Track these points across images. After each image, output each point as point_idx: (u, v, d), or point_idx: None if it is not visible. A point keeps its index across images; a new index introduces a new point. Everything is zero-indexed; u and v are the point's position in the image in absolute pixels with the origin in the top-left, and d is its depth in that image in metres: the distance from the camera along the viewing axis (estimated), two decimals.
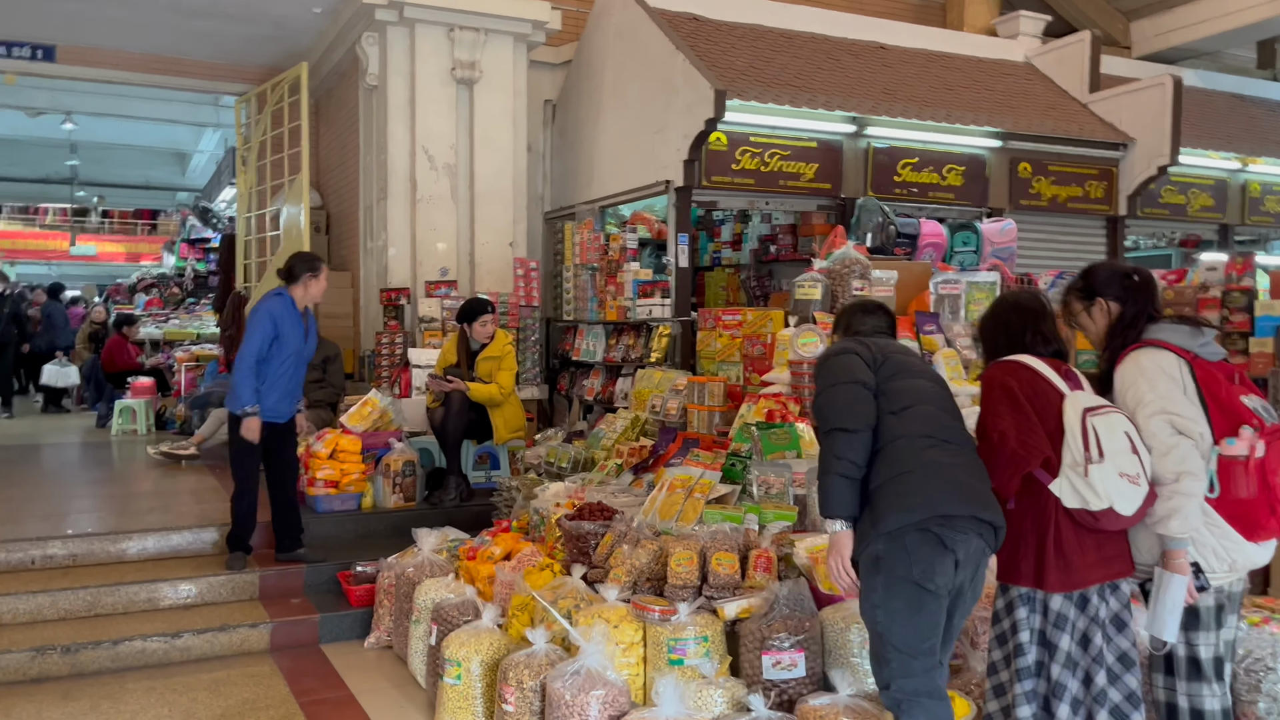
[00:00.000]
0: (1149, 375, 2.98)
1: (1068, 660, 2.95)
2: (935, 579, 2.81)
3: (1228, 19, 11.00)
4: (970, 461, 2.95)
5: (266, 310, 5.25)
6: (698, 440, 5.03)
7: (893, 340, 3.32)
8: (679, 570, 3.80)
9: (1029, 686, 2.99)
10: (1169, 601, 2.87)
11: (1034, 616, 3.00)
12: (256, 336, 5.19)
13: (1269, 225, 10.30)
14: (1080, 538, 2.90)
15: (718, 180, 7.41)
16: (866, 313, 3.43)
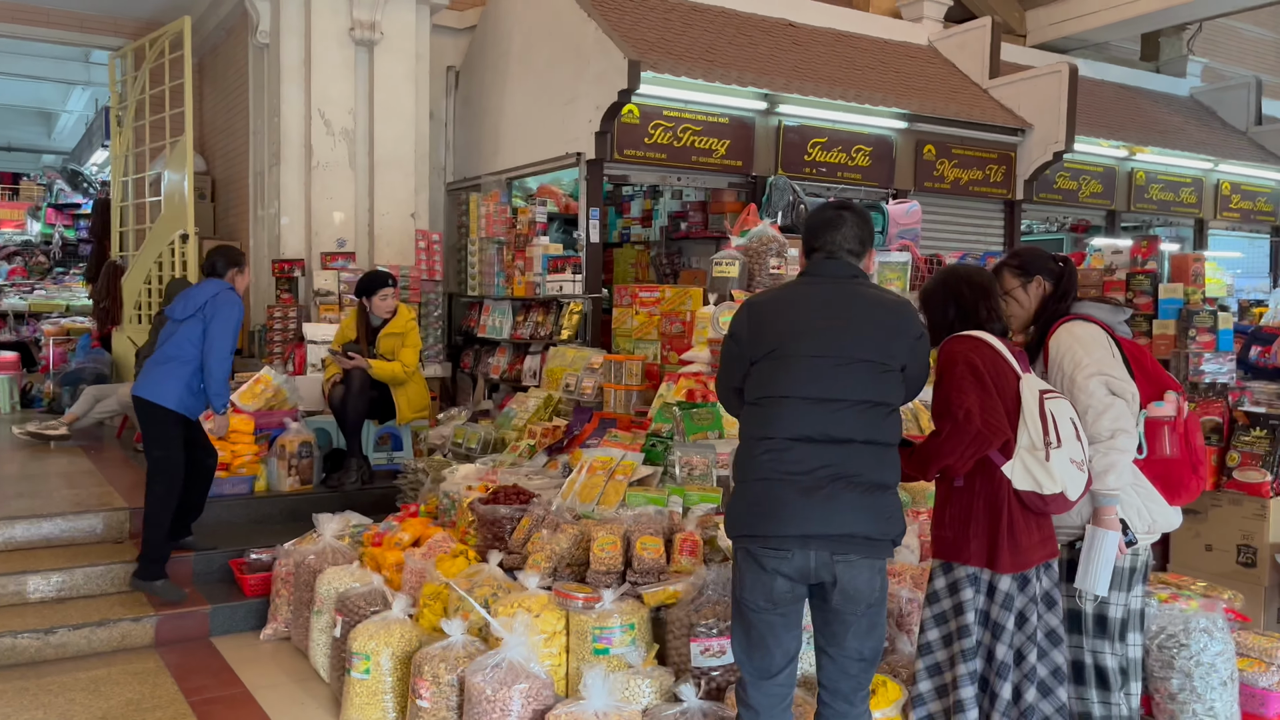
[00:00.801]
0: (1084, 342, 3.09)
1: (1011, 640, 2.95)
2: (756, 600, 2.65)
3: (1116, 11, 11.38)
4: (840, 460, 2.62)
5: (236, 305, 4.91)
6: (615, 420, 4.89)
7: (825, 275, 2.81)
8: (602, 555, 3.66)
9: (974, 667, 2.97)
10: (1102, 557, 2.95)
11: (979, 597, 2.98)
12: (230, 331, 4.84)
13: (1153, 212, 10.72)
14: (1027, 519, 2.93)
15: (630, 154, 7.24)
16: (827, 227, 2.83)
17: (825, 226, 2.83)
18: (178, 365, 4.79)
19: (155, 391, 4.77)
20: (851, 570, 2.62)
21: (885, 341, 2.70)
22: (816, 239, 2.84)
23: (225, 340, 4.83)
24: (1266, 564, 4.37)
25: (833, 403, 2.64)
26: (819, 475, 2.61)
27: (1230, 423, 4.57)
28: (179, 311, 4.91)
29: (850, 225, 2.82)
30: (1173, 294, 5.03)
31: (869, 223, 2.87)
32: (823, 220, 2.85)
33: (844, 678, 2.74)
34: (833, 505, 2.60)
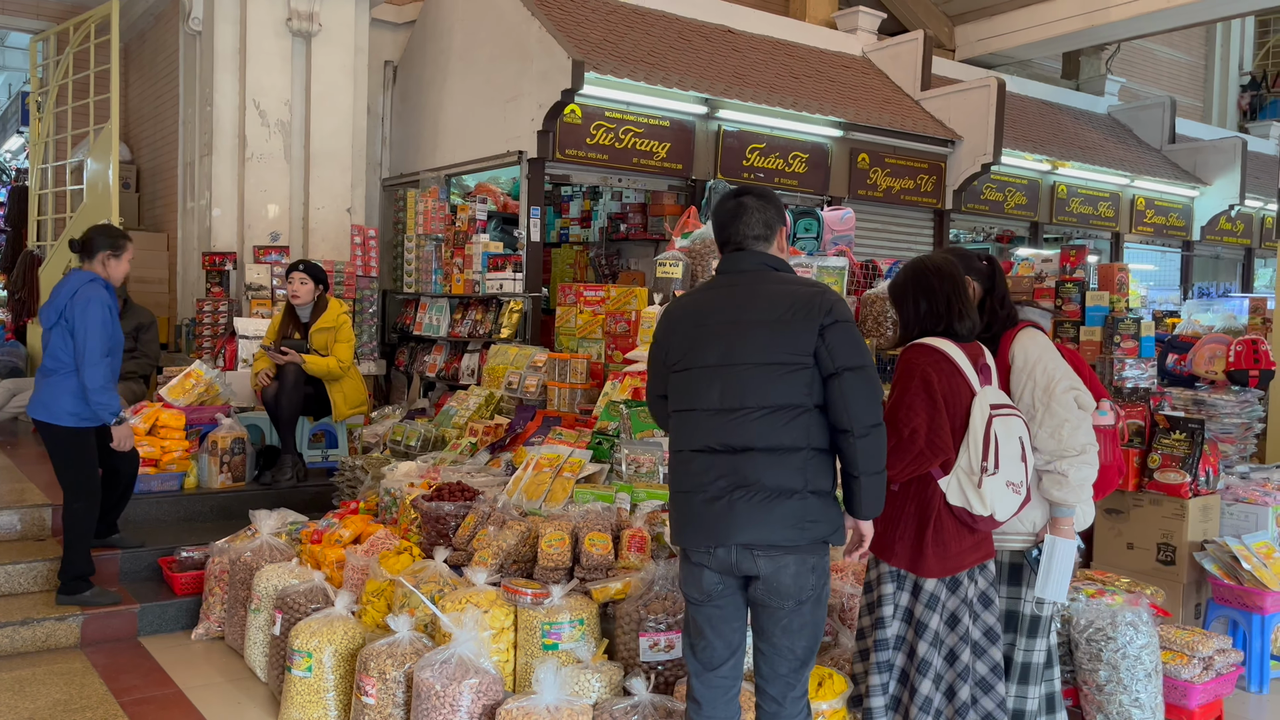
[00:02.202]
0: (1050, 353, 3.13)
1: (935, 639, 3.00)
2: (692, 593, 2.72)
3: (1039, 30, 11.77)
4: (737, 469, 2.59)
5: (101, 302, 4.41)
6: (560, 418, 4.89)
7: (736, 270, 2.76)
8: (550, 552, 3.66)
9: (885, 657, 3.04)
10: (1061, 566, 3.01)
11: (901, 594, 3.04)
12: (98, 333, 4.34)
13: (1073, 225, 11.11)
14: (959, 527, 2.96)
15: (571, 154, 7.25)
16: (730, 219, 2.77)
17: (729, 218, 2.78)
18: (60, 378, 4.40)
19: (46, 410, 4.42)
20: (775, 565, 2.60)
21: (787, 339, 2.60)
22: (723, 233, 2.81)
23: (94, 342, 4.34)
24: (1185, 561, 4.56)
25: (733, 412, 2.60)
26: (718, 486, 2.60)
27: (1151, 426, 4.76)
28: (44, 319, 4.50)
29: (752, 211, 2.76)
30: (1099, 302, 5.22)
31: (772, 202, 2.80)
32: (725, 213, 2.80)
33: (775, 677, 2.72)
34: (732, 515, 2.58)
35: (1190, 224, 12.19)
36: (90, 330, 4.34)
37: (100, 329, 4.38)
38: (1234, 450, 5.46)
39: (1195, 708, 3.76)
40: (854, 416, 2.57)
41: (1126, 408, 4.85)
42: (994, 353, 3.15)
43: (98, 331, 4.36)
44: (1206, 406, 5.48)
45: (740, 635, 2.77)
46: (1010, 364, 3.15)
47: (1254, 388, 5.61)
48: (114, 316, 4.52)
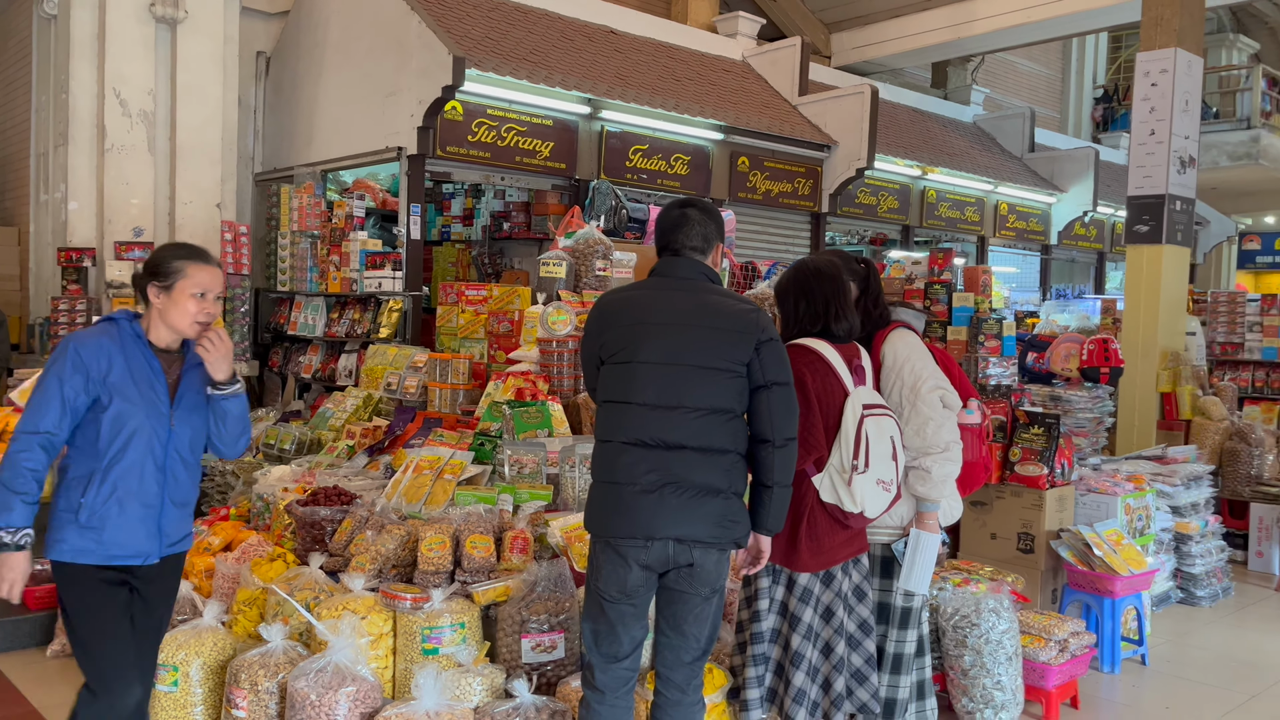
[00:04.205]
0: (919, 352, 3.24)
1: (808, 632, 3.08)
2: (611, 590, 2.74)
3: (909, 40, 12.23)
4: (668, 465, 2.66)
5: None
6: (440, 420, 4.82)
7: (673, 275, 2.85)
8: (430, 555, 3.60)
9: (761, 650, 3.12)
10: (925, 559, 3.12)
11: (776, 588, 3.12)
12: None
13: (942, 228, 11.56)
14: (832, 523, 3.05)
15: (453, 151, 7.15)
16: (673, 227, 2.87)
17: (672, 226, 2.88)
18: None
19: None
20: (705, 554, 2.72)
21: (728, 348, 2.71)
22: (664, 238, 2.90)
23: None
24: (1043, 550, 4.81)
25: (670, 409, 2.68)
26: (649, 480, 2.67)
27: (1013, 421, 5.01)
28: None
29: (694, 223, 2.86)
30: (965, 303, 5.46)
31: (714, 218, 2.91)
32: (669, 220, 2.89)
33: (679, 666, 2.81)
34: (663, 509, 2.66)
35: (1048, 229, 12.85)
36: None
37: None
38: (1087, 443, 5.79)
39: (1052, 688, 3.96)
40: (776, 428, 2.73)
41: (989, 404, 5.08)
42: (869, 351, 3.26)
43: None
44: (1062, 402, 5.79)
45: (644, 629, 2.84)
46: (881, 363, 3.27)
47: (1105, 384, 5.96)
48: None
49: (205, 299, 2.75)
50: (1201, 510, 5.80)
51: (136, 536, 2.73)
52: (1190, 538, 5.60)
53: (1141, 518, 5.15)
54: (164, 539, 2.79)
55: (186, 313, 2.73)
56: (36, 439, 2.61)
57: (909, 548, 3.18)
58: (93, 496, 2.67)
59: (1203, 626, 5.31)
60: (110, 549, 2.70)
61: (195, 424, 2.83)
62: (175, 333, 2.77)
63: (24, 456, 2.59)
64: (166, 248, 2.85)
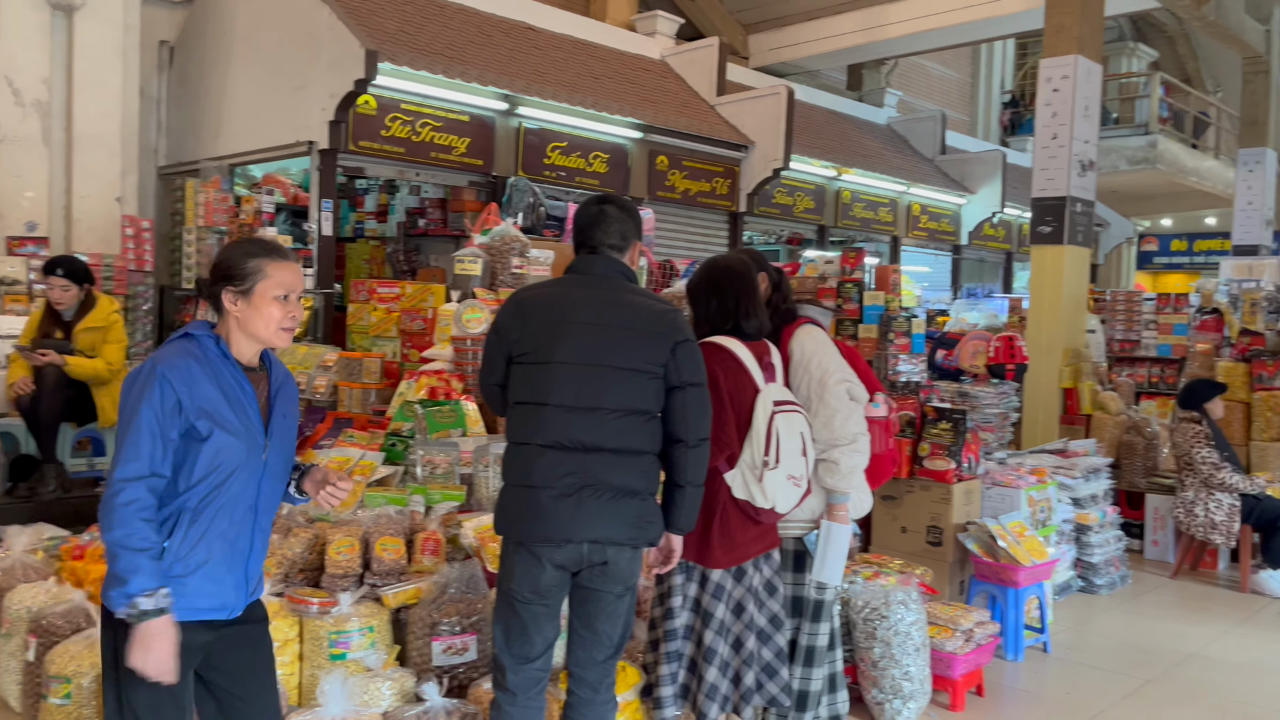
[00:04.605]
0: (825, 347, 3.29)
1: (721, 627, 3.10)
2: (524, 591, 2.71)
3: (825, 42, 12.43)
4: (587, 467, 2.65)
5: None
6: (351, 420, 4.72)
7: (590, 272, 2.82)
8: (339, 559, 3.53)
9: (674, 647, 3.13)
10: (836, 550, 3.17)
11: (690, 585, 3.14)
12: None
13: (856, 228, 11.78)
14: (743, 519, 3.07)
15: (366, 146, 7.03)
16: (591, 224, 2.84)
17: (589, 223, 2.84)
18: None
19: None
20: (619, 553, 2.72)
21: (647, 349, 2.70)
22: (582, 235, 2.87)
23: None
24: (951, 542, 4.93)
25: (589, 411, 2.66)
26: (567, 483, 2.64)
27: (922, 417, 5.12)
28: None
29: (612, 220, 2.83)
30: (875, 301, 5.56)
31: (632, 216, 2.90)
32: (587, 217, 2.86)
33: (592, 665, 2.81)
34: (582, 512, 2.64)
35: (959, 229, 13.19)
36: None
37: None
38: (994, 438, 5.94)
39: (958, 677, 4.06)
40: (690, 428, 2.73)
41: (899, 400, 5.18)
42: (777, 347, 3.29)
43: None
44: (970, 398, 5.94)
45: (556, 629, 2.81)
46: (790, 358, 3.32)
47: (1010, 380, 6.13)
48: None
49: (289, 301, 2.37)
50: (1100, 501, 6.01)
51: (223, 586, 2.33)
52: (1090, 528, 5.80)
53: (1044, 510, 5.32)
54: (248, 586, 2.41)
55: (271, 319, 2.33)
56: (143, 483, 2.17)
57: (820, 539, 3.22)
58: (178, 541, 2.24)
59: (1101, 614, 5.50)
60: (195, 600, 2.26)
61: (286, 454, 2.46)
62: (258, 343, 2.38)
63: (135, 507, 2.14)
64: (237, 246, 2.41)
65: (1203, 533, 6.04)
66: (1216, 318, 8.03)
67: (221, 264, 2.35)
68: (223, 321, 2.36)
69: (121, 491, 2.14)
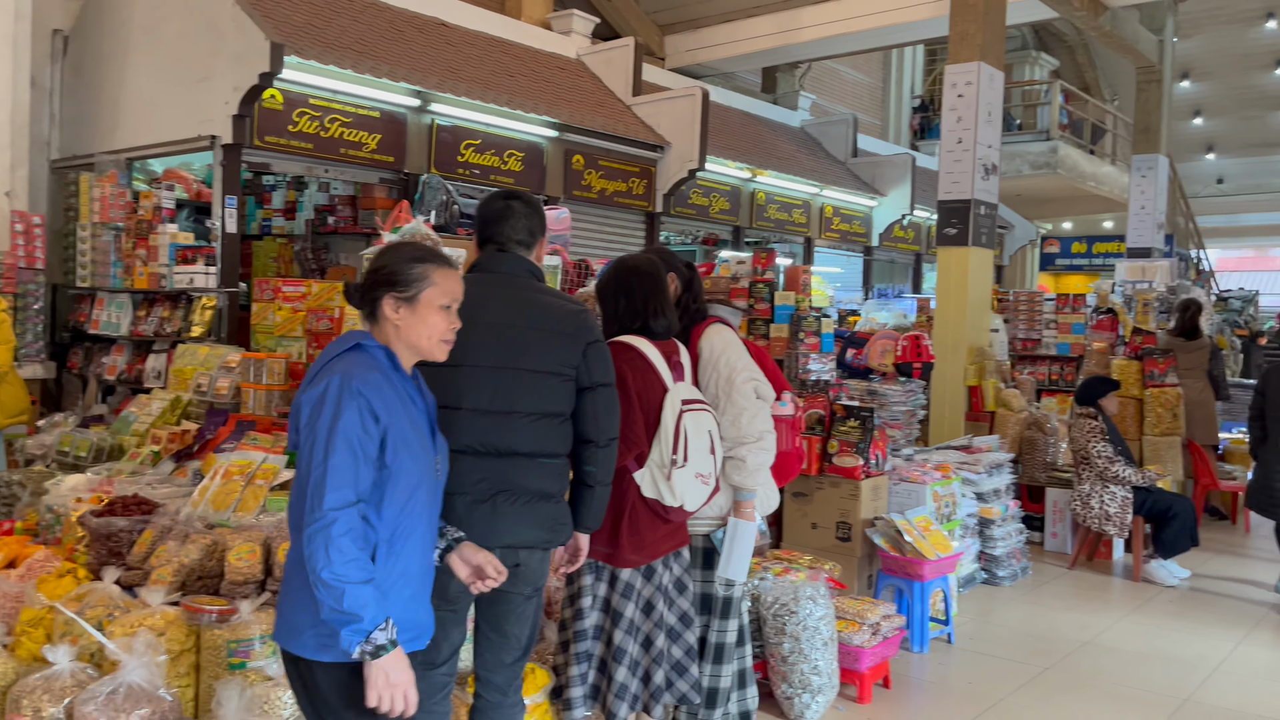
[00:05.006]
0: (734, 346, 3.33)
1: (630, 627, 3.11)
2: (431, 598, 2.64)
3: (740, 45, 12.56)
4: (502, 472, 2.61)
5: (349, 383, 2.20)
6: (255, 422, 4.59)
7: (497, 270, 2.76)
8: (239, 565, 3.43)
9: (584, 648, 3.13)
10: (742, 547, 3.20)
11: (599, 585, 3.13)
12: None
13: (771, 229, 11.92)
14: (653, 518, 3.08)
15: (272, 141, 6.84)
16: (497, 219, 2.78)
17: (495, 218, 2.80)
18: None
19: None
20: (530, 555, 2.70)
21: (560, 351, 2.68)
22: (486, 230, 2.81)
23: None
24: (859, 537, 5.02)
25: (502, 415, 2.62)
26: (481, 488, 2.60)
27: (831, 415, 5.20)
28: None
29: (519, 216, 2.79)
30: (786, 301, 5.63)
31: (539, 212, 2.86)
32: (492, 212, 2.81)
33: (500, 668, 2.78)
34: (497, 517, 2.61)
35: (870, 231, 13.46)
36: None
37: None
38: (901, 435, 6.07)
39: (865, 669, 4.14)
40: (601, 428, 2.74)
41: (809, 398, 5.26)
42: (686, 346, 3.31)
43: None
44: (878, 396, 6.06)
45: (462, 634, 2.77)
46: (699, 357, 3.34)
47: (917, 378, 6.27)
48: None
49: (452, 311, 2.26)
50: (1003, 495, 6.19)
51: (421, 615, 2.24)
52: (993, 522, 5.97)
53: (949, 504, 5.46)
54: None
55: (435, 329, 2.22)
56: (354, 510, 2.03)
57: (727, 536, 3.26)
58: (381, 570, 2.12)
59: (1003, 605, 5.67)
60: (400, 632, 2.15)
61: (444, 468, 2.37)
62: (416, 354, 2.25)
63: (352, 536, 2.01)
64: (400, 250, 2.26)
65: (1098, 524, 6.27)
66: (1112, 317, 8.36)
67: (383, 268, 2.21)
68: (378, 331, 2.23)
69: (335, 522, 1.99)
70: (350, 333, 2.23)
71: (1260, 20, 18.88)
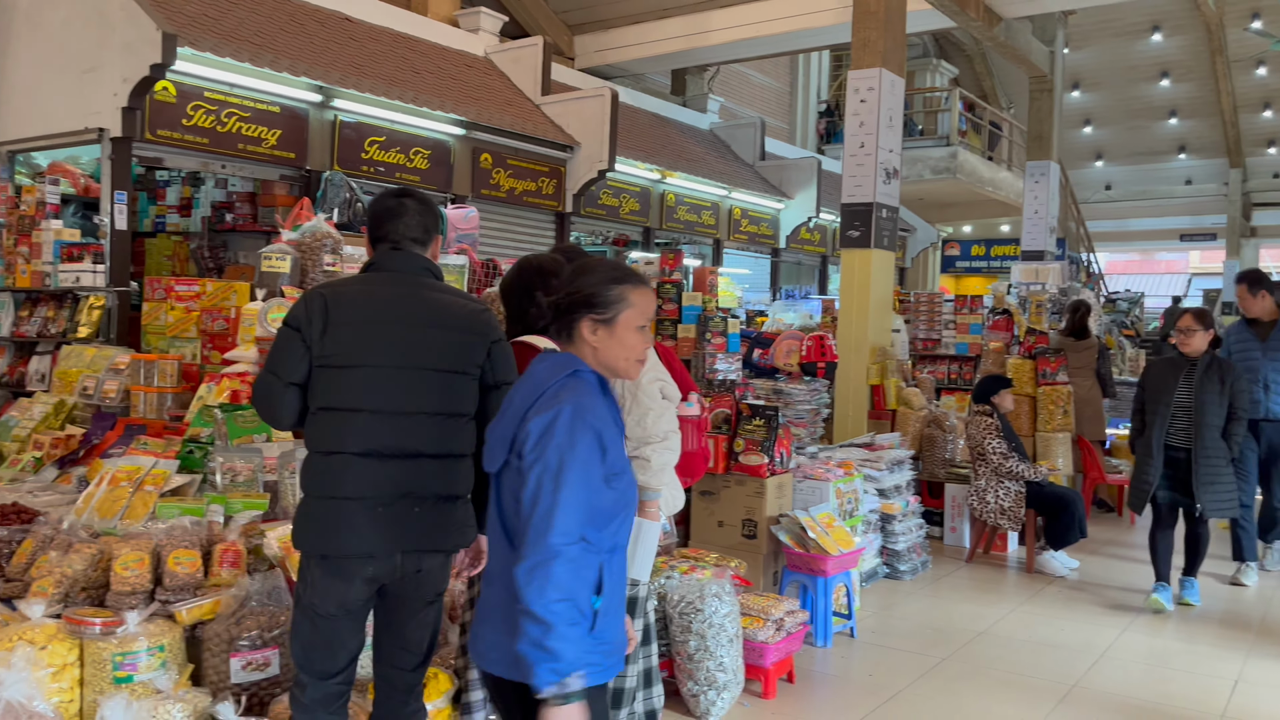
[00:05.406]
0: None
1: None
2: (328, 607, 2.58)
3: (650, 46, 12.61)
4: (408, 476, 2.57)
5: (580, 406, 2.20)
6: (145, 427, 4.43)
7: (394, 269, 2.70)
8: (126, 575, 3.30)
9: None
10: (646, 546, 3.21)
11: None
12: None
13: (680, 231, 12.00)
14: None
15: (165, 135, 6.61)
16: (390, 216, 2.73)
17: (388, 215, 2.74)
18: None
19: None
20: (433, 560, 2.66)
21: (464, 349, 2.64)
22: (380, 229, 2.75)
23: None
24: (764, 534, 5.09)
25: (405, 416, 2.57)
26: (385, 493, 2.55)
27: (737, 414, 5.26)
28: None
29: (414, 213, 2.74)
30: (693, 302, 5.68)
31: (433, 209, 2.81)
32: (385, 209, 2.75)
33: (401, 674, 2.74)
34: (400, 522, 2.56)
35: (778, 233, 13.67)
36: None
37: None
38: (806, 433, 6.18)
39: (770, 665, 4.19)
40: None
41: (715, 398, 5.32)
42: None
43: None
44: (784, 395, 6.16)
45: (361, 642, 2.71)
46: None
47: (821, 378, 6.40)
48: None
49: (646, 331, 2.24)
50: (904, 491, 6.35)
51: (622, 634, 2.18)
52: (894, 517, 6.12)
53: (851, 501, 5.57)
54: None
55: (632, 350, 2.20)
56: (581, 544, 2.01)
57: (631, 536, 3.26)
58: (605, 595, 2.07)
59: (904, 598, 5.81)
60: (609, 659, 2.09)
61: None
62: (611, 374, 2.23)
63: (577, 567, 1.99)
64: (597, 271, 2.22)
65: (993, 518, 6.48)
66: (1007, 318, 8.65)
67: (582, 290, 2.19)
68: (574, 351, 2.22)
69: (559, 557, 1.96)
70: (561, 355, 2.21)
71: (1146, 33, 19.80)
